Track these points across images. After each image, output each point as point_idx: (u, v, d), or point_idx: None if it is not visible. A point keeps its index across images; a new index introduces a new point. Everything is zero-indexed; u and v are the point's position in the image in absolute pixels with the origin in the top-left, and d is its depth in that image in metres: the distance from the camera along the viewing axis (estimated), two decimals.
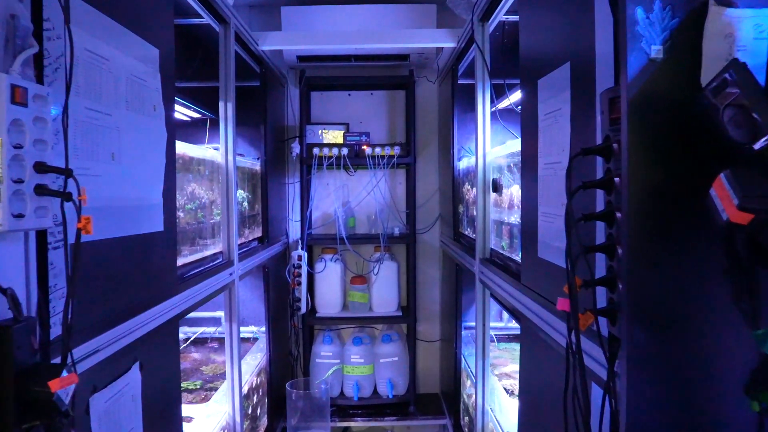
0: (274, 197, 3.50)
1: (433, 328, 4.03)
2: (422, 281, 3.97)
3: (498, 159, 2.39)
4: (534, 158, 1.60)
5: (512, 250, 2.18)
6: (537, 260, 1.57)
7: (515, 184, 2.12)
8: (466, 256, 2.77)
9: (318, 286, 3.70)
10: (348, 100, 3.95)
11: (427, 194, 3.94)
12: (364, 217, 3.86)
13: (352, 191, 3.88)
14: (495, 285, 2.16)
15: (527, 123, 1.70)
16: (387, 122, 3.96)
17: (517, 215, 2.08)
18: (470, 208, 3.12)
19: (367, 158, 3.54)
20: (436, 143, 3.96)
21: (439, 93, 3.88)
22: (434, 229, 3.97)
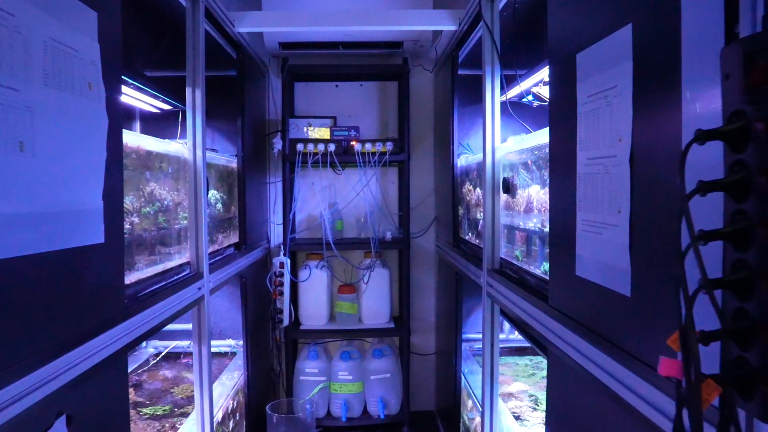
0: (253, 198, 3.16)
1: (428, 341, 3.71)
2: (416, 289, 3.65)
3: (509, 155, 2.07)
4: (569, 153, 1.28)
5: (529, 261, 1.87)
6: (575, 280, 1.25)
7: (534, 185, 1.80)
8: (470, 265, 2.45)
9: (302, 296, 3.36)
10: (335, 92, 3.62)
11: (422, 195, 3.62)
12: (352, 220, 3.53)
13: (340, 191, 3.55)
14: (507, 301, 1.84)
15: (559, 109, 1.38)
16: (378, 116, 3.63)
17: (538, 221, 1.76)
18: (472, 211, 2.81)
19: (357, 155, 3.21)
20: (431, 139, 3.64)
21: (435, 84, 3.56)
22: (429, 232, 3.65)
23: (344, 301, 3.36)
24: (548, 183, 1.48)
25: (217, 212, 2.62)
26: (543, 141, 1.69)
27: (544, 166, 1.74)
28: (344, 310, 3.35)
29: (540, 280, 1.65)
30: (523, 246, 1.97)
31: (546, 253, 1.68)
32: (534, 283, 1.70)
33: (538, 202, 1.77)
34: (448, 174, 3.05)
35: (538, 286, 1.66)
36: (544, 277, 1.62)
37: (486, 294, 2.14)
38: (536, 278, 1.70)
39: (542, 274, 1.68)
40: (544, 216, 1.72)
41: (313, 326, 3.35)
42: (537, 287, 1.66)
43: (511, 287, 1.81)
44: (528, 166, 1.87)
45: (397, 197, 3.60)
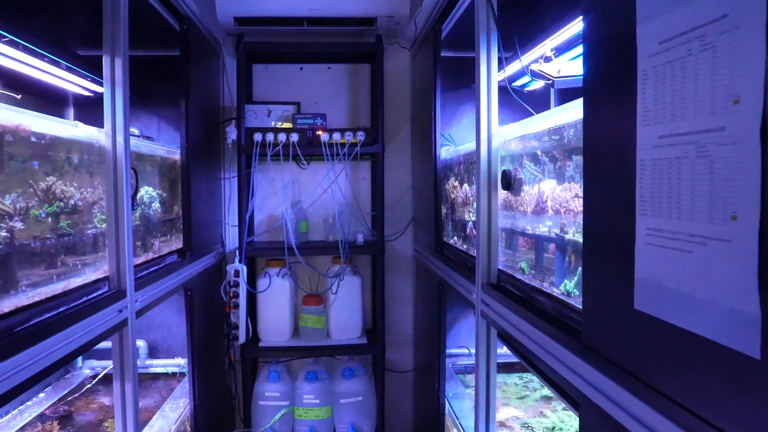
0: (203, 196, 2.71)
1: (405, 356, 3.31)
2: (392, 299, 3.24)
3: (510, 144, 1.67)
4: (621, 131, 0.88)
5: (540, 276, 1.47)
6: (633, 317, 0.85)
7: (547, 179, 1.41)
8: (458, 276, 2.05)
9: (261, 309, 2.93)
10: (300, 76, 3.18)
11: (398, 192, 3.21)
12: (319, 221, 3.10)
13: (305, 188, 3.12)
14: (511, 327, 1.45)
15: (601, 71, 0.98)
16: (348, 103, 3.21)
17: (555, 224, 1.36)
18: (458, 211, 2.41)
19: (323, 146, 2.78)
20: (409, 129, 3.23)
21: (413, 66, 3.15)
22: (407, 235, 3.25)
23: (310, 314, 2.93)
24: (582, 175, 1.08)
25: (153, 213, 2.17)
26: (564, 121, 1.29)
27: (562, 156, 1.34)
28: (310, 324, 2.93)
29: (561, 305, 1.26)
30: (528, 253, 1.58)
31: (568, 268, 1.28)
32: (551, 308, 1.31)
33: (554, 201, 1.37)
34: (428, 168, 2.64)
35: (558, 312, 1.26)
36: (569, 303, 1.23)
37: (480, 314, 1.74)
38: (555, 301, 1.30)
39: (563, 296, 1.29)
40: (563, 219, 1.33)
41: (274, 343, 2.92)
42: (557, 314, 1.26)
43: (517, 310, 1.42)
44: (537, 156, 1.47)
45: (369, 195, 3.18)
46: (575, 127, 1.24)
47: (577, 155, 1.27)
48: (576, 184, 1.30)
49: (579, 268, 1.23)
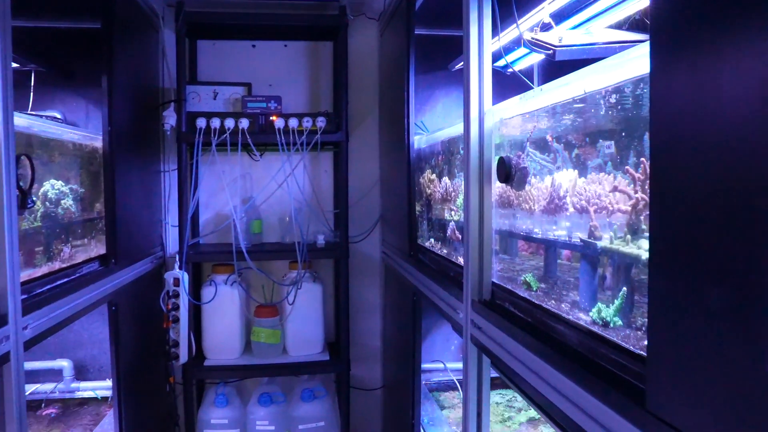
0: (134, 191, 2.30)
1: (373, 372, 2.95)
2: (357, 308, 2.88)
3: (508, 125, 1.32)
4: (737, 87, 0.53)
5: (554, 293, 1.13)
6: (764, 382, 0.50)
7: (567, 169, 1.06)
8: (439, 289, 1.69)
9: (207, 322, 2.54)
10: (252, 54, 2.79)
11: (364, 187, 2.85)
12: (274, 220, 2.72)
13: (258, 183, 2.74)
14: (513, 360, 1.10)
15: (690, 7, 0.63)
16: (308, 85, 2.83)
17: (580, 228, 1.02)
18: (435, 208, 2.06)
19: (278, 134, 2.40)
20: (376, 115, 2.87)
21: (381, 44, 2.79)
22: (374, 235, 2.89)
23: (263, 327, 2.55)
24: (649, 160, 0.73)
25: (64, 213, 1.76)
26: (598, 86, 0.94)
27: (581, 140, 1.00)
28: (263, 338, 2.54)
29: (594, 339, 0.91)
30: (532, 260, 1.23)
31: (600, 285, 0.94)
32: (576, 341, 0.96)
33: (578, 197, 1.03)
34: (400, 159, 2.28)
35: (589, 350, 0.91)
36: (608, 338, 0.88)
37: (470, 338, 1.39)
38: (584, 333, 0.95)
39: (595, 326, 0.94)
40: (594, 220, 0.98)
41: (222, 361, 2.53)
42: (588, 352, 0.91)
43: (522, 339, 1.07)
44: (546, 142, 1.13)
45: (332, 190, 2.81)
46: (617, 93, 0.90)
47: (608, 137, 0.93)
48: (607, 175, 0.96)
49: (623, 289, 0.89)
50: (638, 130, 0.87)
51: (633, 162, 1.02)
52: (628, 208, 0.97)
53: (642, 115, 0.86)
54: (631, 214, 0.94)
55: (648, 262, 0.71)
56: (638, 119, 0.87)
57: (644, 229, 0.93)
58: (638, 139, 0.88)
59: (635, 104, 0.88)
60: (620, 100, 0.91)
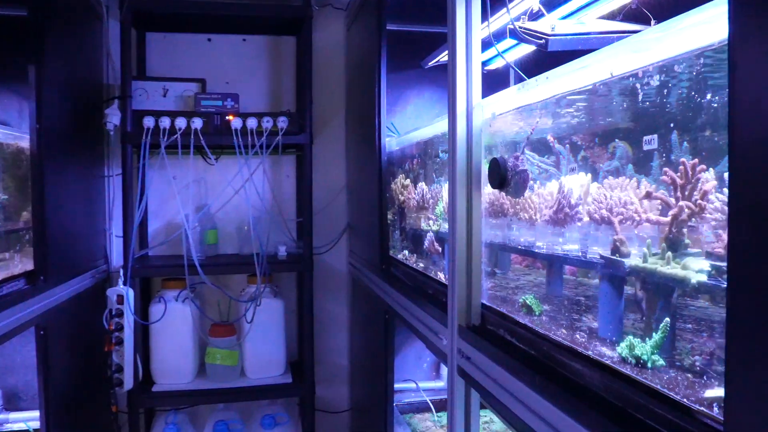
0: (71, 198, 2.04)
1: (339, 393, 2.74)
2: (323, 324, 2.67)
3: (500, 121, 1.14)
4: None
5: (563, 319, 0.94)
6: None
7: (578, 174, 0.88)
8: (418, 310, 1.49)
9: (156, 343, 2.29)
10: (207, 49, 2.56)
11: (329, 194, 2.65)
12: (231, 230, 2.49)
13: (213, 189, 2.50)
14: (513, 400, 0.91)
15: None
16: (268, 83, 2.61)
17: (594, 240, 0.84)
18: (410, 217, 1.87)
19: (235, 135, 2.18)
20: (343, 116, 2.67)
21: (349, 39, 2.59)
22: (340, 245, 2.68)
23: (219, 348, 2.31)
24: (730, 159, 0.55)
25: None
26: (630, 67, 0.76)
27: (590, 140, 0.82)
28: (219, 360, 2.31)
29: (633, 385, 0.72)
30: (531, 276, 1.05)
31: (623, 312, 0.76)
32: (601, 385, 0.77)
33: (596, 206, 0.85)
34: (370, 163, 2.09)
35: (621, 398, 0.72)
36: (647, 384, 0.69)
37: (456, 370, 1.19)
38: (610, 374, 0.76)
39: (624, 365, 0.75)
40: (618, 233, 0.80)
41: (173, 386, 2.28)
42: (618, 400, 0.72)
43: (528, 379, 0.88)
44: (545, 143, 0.95)
45: (294, 197, 2.60)
46: (665, 73, 0.72)
47: (646, 131, 0.75)
48: (628, 180, 0.78)
49: (666, 319, 0.71)
50: (693, 119, 0.69)
51: (658, 163, 0.86)
52: (664, 219, 0.80)
53: (695, 103, 0.68)
54: (671, 226, 0.76)
55: (727, 291, 0.52)
56: (688, 107, 0.70)
57: (688, 244, 0.75)
58: (691, 131, 0.70)
59: (695, 85, 0.70)
60: (666, 83, 0.73)
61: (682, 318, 0.73)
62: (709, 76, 0.69)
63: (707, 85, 0.72)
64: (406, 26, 2.44)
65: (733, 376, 0.51)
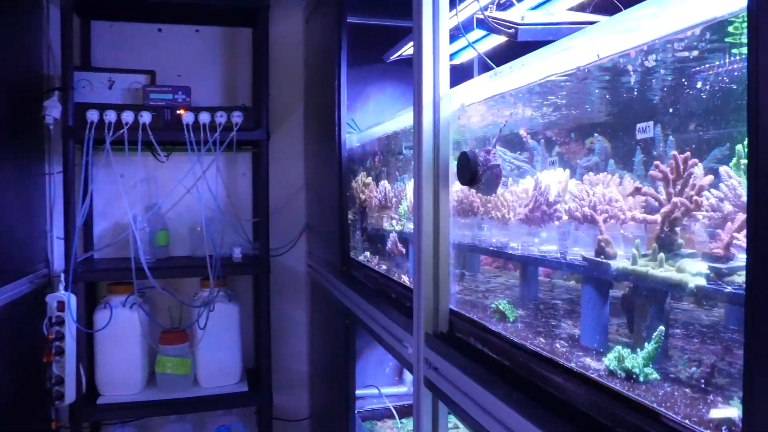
0: (5, 196, 1.89)
1: (299, 400, 2.64)
2: (281, 329, 2.57)
3: (470, 113, 1.06)
4: None
5: (533, 323, 0.87)
6: None
7: (554, 169, 0.82)
8: (380, 315, 1.41)
9: (101, 353, 2.16)
10: (158, 39, 2.43)
11: (287, 192, 2.55)
12: (183, 231, 2.37)
13: (164, 188, 2.37)
14: (491, 421, 0.83)
15: None
16: (223, 76, 2.50)
17: (577, 240, 0.77)
18: (371, 217, 1.79)
19: (187, 131, 2.06)
20: (301, 111, 2.56)
21: (307, 33, 2.50)
22: (299, 246, 2.57)
23: (170, 356, 2.18)
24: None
25: None
26: (619, 48, 0.69)
27: (562, 135, 0.76)
28: (170, 369, 2.18)
29: (625, 403, 0.65)
30: (503, 278, 0.98)
31: (636, 325, 0.69)
32: (587, 401, 0.69)
33: (577, 203, 0.78)
34: (330, 161, 2.00)
35: (616, 419, 0.65)
36: (641, 402, 0.62)
37: (423, 381, 1.11)
38: (596, 389, 0.69)
39: (613, 379, 0.68)
40: (603, 232, 0.73)
41: (120, 398, 2.15)
42: (611, 422, 0.65)
43: (504, 394, 0.80)
44: (519, 138, 0.87)
45: (250, 196, 2.49)
46: (666, 51, 0.65)
47: (638, 118, 0.69)
48: (611, 176, 0.71)
49: (659, 327, 0.64)
50: (686, 108, 0.63)
51: (640, 159, 0.80)
52: (651, 217, 0.73)
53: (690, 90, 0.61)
54: (662, 224, 0.69)
55: (747, 297, 0.45)
56: (680, 95, 0.63)
57: (681, 244, 0.68)
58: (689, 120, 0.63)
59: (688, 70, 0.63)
60: (656, 69, 0.66)
61: (677, 325, 0.66)
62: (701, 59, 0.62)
63: (699, 70, 0.65)
64: (367, 19, 2.35)
65: (756, 394, 0.44)
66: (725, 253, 0.63)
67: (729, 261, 0.63)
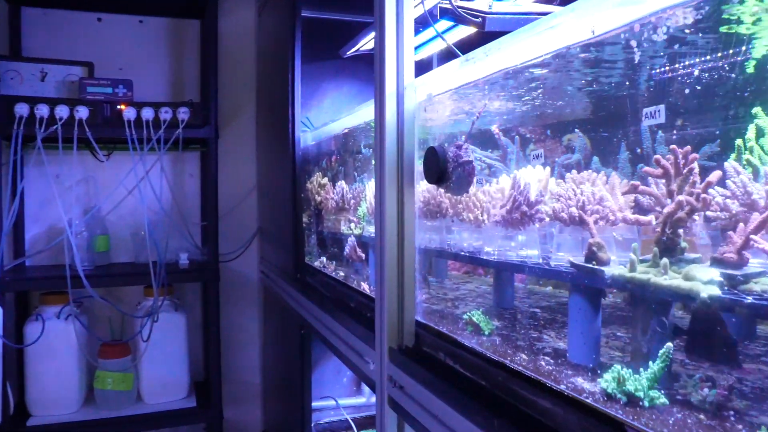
0: None
1: (251, 414, 2.51)
2: (232, 339, 2.43)
3: (439, 107, 0.97)
4: None
5: (512, 336, 0.78)
6: None
7: (531, 165, 0.73)
8: (338, 326, 1.30)
9: (32, 369, 1.98)
10: (97, 29, 2.26)
11: (238, 194, 2.41)
12: (126, 236, 2.21)
13: (105, 189, 2.20)
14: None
15: None
16: (169, 70, 2.34)
17: (562, 245, 0.68)
18: (327, 220, 1.68)
19: (128, 128, 1.91)
20: (253, 109, 2.44)
21: (260, 27, 2.37)
22: (250, 251, 2.44)
23: (110, 371, 2.02)
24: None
25: None
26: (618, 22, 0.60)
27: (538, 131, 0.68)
28: (110, 385, 2.02)
29: (625, 431, 0.56)
30: (472, 284, 0.89)
31: (636, 340, 0.60)
32: (579, 429, 0.60)
33: (563, 203, 0.69)
34: (283, 161, 1.88)
35: None
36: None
37: (387, 401, 1.01)
38: (594, 417, 0.60)
39: (612, 404, 0.59)
40: (595, 236, 0.65)
41: (54, 418, 1.97)
42: None
43: (481, 419, 0.71)
44: (491, 134, 0.79)
45: (198, 198, 2.34)
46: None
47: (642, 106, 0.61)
48: (595, 174, 0.63)
49: (667, 344, 0.56)
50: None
51: (627, 155, 0.72)
52: (645, 219, 0.65)
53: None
54: (664, 226, 0.61)
55: None
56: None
57: (684, 248, 0.60)
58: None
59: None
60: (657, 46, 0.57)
61: (683, 340, 0.58)
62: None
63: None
64: (322, 13, 2.24)
65: None
66: (738, 258, 0.55)
67: (742, 267, 0.55)
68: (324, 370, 2.37)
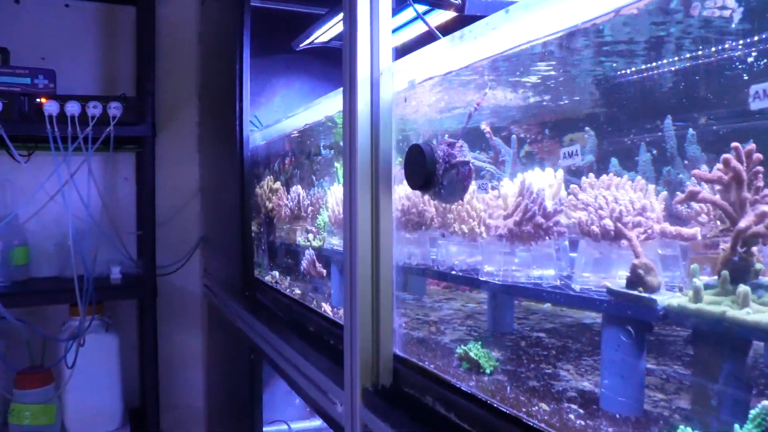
0: None
1: None
2: (172, 360, 2.22)
3: (423, 97, 0.82)
4: None
5: (519, 374, 0.63)
6: None
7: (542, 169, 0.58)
8: (295, 354, 1.12)
9: None
10: (14, 12, 2.03)
11: (178, 200, 2.22)
12: (49, 247, 1.98)
13: (24, 193, 1.96)
14: None
15: None
16: (99, 61, 2.14)
17: (592, 264, 0.53)
18: (280, 229, 1.51)
19: (50, 124, 1.68)
20: (195, 105, 2.24)
21: (204, 16, 2.18)
22: (193, 264, 2.23)
23: (28, 404, 1.77)
24: None
25: None
26: None
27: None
28: (28, 420, 1.78)
29: None
30: (457, 302, 0.75)
31: (704, 388, 0.46)
32: None
33: (592, 211, 0.55)
34: (230, 162, 1.70)
35: None
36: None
37: None
38: None
39: None
40: (641, 256, 0.50)
41: None
42: None
43: None
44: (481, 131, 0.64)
45: (133, 204, 2.13)
46: None
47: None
48: (617, 178, 0.50)
49: (764, 403, 0.41)
50: None
51: (649, 157, 0.60)
52: (687, 232, 0.51)
53: None
54: (734, 243, 0.47)
55: None
56: None
57: (759, 271, 0.47)
58: None
59: None
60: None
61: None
62: None
63: None
64: (273, 3, 2.08)
65: None
66: None
67: None
68: (274, 390, 2.20)
